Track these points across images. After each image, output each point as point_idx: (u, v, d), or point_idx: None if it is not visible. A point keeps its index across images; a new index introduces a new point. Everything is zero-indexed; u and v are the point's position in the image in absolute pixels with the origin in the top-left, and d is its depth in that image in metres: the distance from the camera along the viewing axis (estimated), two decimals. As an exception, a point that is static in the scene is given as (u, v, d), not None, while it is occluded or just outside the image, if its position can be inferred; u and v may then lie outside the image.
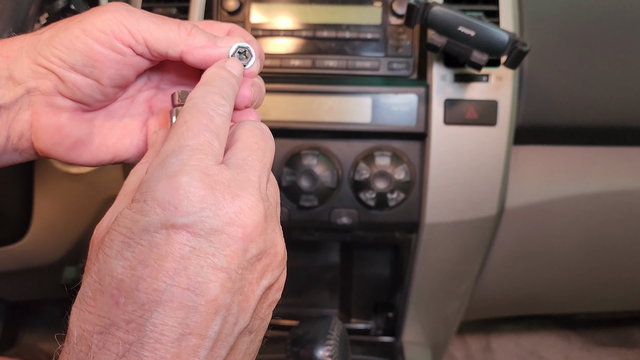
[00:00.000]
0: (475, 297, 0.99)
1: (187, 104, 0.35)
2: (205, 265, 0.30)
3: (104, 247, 0.30)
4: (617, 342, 1.56)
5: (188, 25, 0.41)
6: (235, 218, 0.31)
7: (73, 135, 0.43)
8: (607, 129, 0.81)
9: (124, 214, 0.31)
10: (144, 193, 0.30)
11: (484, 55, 0.66)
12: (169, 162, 0.31)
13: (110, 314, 0.29)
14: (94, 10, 0.39)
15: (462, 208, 0.80)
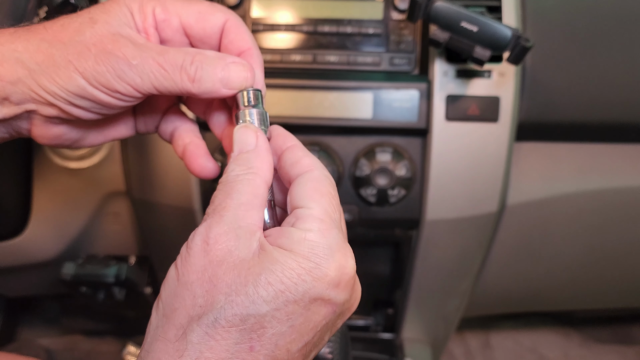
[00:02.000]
0: (475, 294, 0.99)
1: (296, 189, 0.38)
2: (329, 331, 0.37)
3: (259, 286, 0.32)
4: (616, 339, 1.56)
5: (192, 66, 0.38)
6: (354, 304, 0.39)
7: (72, 138, 0.43)
8: (610, 125, 0.81)
9: (292, 266, 0.33)
10: (315, 260, 0.33)
11: (486, 51, 0.65)
12: (333, 236, 0.35)
13: (240, 356, 0.32)
14: (93, 46, 0.37)
15: (463, 205, 0.79)
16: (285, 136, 0.41)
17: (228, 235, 0.34)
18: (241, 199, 0.35)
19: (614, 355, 1.52)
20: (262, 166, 0.37)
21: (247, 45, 0.42)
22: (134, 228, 0.89)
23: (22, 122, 0.41)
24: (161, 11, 0.40)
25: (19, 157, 0.81)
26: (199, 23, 0.41)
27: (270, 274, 0.32)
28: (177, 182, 0.79)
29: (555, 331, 1.56)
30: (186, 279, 0.34)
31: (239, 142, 0.39)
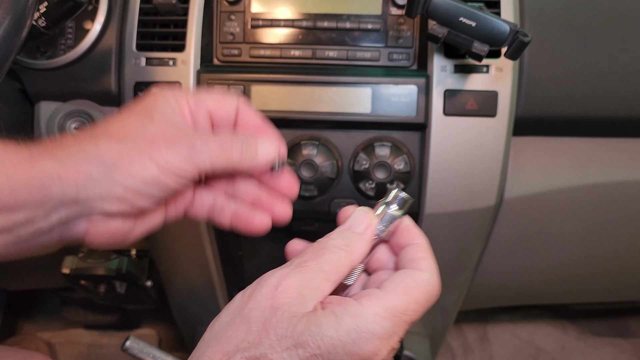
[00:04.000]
0: (473, 287, 1.00)
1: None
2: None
3: (298, 345, 0.35)
4: (613, 332, 1.57)
5: (238, 145, 0.45)
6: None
7: (124, 232, 0.46)
8: (607, 120, 0.81)
9: (330, 335, 0.35)
10: (354, 337, 0.35)
11: (484, 46, 0.66)
12: (385, 327, 0.37)
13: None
14: (160, 137, 0.42)
15: (461, 198, 0.80)
16: (414, 232, 0.45)
17: (296, 291, 0.37)
18: (324, 268, 0.39)
19: (610, 348, 1.53)
20: (357, 251, 0.41)
21: (259, 120, 0.50)
22: (134, 222, 0.90)
23: (80, 223, 0.43)
24: (193, 101, 0.47)
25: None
26: (220, 108, 0.48)
27: (310, 336, 0.35)
28: (178, 176, 0.80)
29: (552, 324, 1.57)
30: (247, 314, 0.37)
31: (354, 219, 0.43)
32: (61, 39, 0.79)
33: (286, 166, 0.50)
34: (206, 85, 0.77)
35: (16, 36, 0.53)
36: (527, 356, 1.52)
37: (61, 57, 0.78)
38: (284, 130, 0.79)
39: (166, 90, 0.46)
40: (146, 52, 0.78)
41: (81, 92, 0.81)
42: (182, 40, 0.77)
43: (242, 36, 0.83)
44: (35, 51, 0.79)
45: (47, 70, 0.79)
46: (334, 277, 0.39)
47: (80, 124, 0.82)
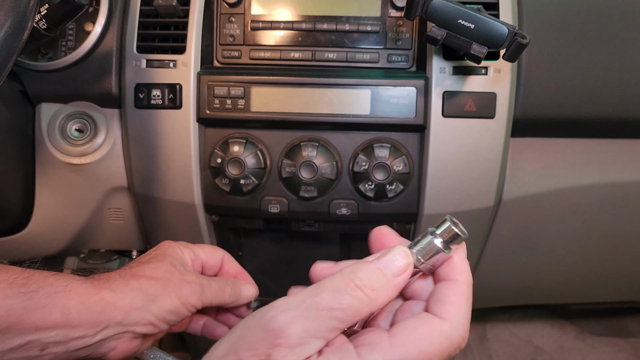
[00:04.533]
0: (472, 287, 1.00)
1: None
2: None
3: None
4: (612, 332, 1.58)
5: (230, 288, 0.61)
6: None
7: (138, 349, 0.56)
8: (605, 121, 0.82)
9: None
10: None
11: (483, 48, 0.66)
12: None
13: None
14: (182, 280, 0.56)
15: (460, 199, 0.80)
16: (458, 267, 0.40)
17: (298, 339, 0.35)
18: (338, 316, 0.35)
19: (608, 348, 1.54)
20: (382, 298, 0.36)
21: (237, 270, 0.66)
22: (135, 223, 0.90)
23: (113, 341, 0.52)
24: (193, 255, 0.61)
25: (21, 152, 0.82)
26: (211, 259, 0.63)
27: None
28: (179, 177, 0.80)
29: (550, 324, 1.58)
30: (242, 355, 0.37)
31: (391, 260, 0.38)
32: (62, 41, 0.79)
33: (258, 304, 0.65)
34: (206, 87, 0.77)
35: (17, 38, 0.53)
36: (526, 355, 1.53)
37: (62, 58, 0.79)
38: (284, 132, 0.80)
39: (177, 247, 0.60)
40: (147, 54, 0.78)
41: (82, 94, 0.81)
42: (183, 42, 0.78)
43: (242, 38, 0.83)
44: (36, 53, 0.79)
45: (48, 71, 0.80)
46: (345, 325, 0.35)
47: (81, 125, 0.83)
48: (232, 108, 0.78)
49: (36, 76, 0.80)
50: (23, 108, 0.83)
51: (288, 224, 0.87)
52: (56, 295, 0.46)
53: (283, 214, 0.81)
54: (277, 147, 0.80)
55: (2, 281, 0.45)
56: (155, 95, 0.77)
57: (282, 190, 0.81)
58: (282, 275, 1.01)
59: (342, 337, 0.37)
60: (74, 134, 0.83)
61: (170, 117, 0.78)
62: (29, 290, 0.45)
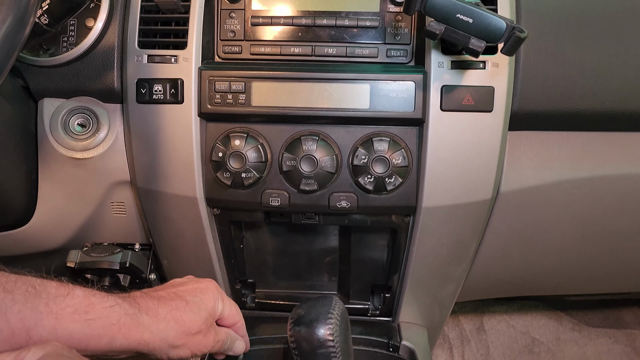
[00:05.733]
0: (469, 279, 1.01)
1: None
2: None
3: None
4: (608, 323, 1.59)
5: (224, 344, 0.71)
6: None
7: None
8: (602, 114, 0.83)
9: None
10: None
11: (481, 42, 0.67)
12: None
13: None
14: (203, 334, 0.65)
15: (458, 192, 0.81)
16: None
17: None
18: None
19: (605, 339, 1.56)
20: None
21: (237, 320, 0.73)
22: (138, 216, 0.91)
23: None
24: (222, 310, 0.70)
25: (24, 147, 0.83)
26: (229, 318, 0.72)
27: None
28: (181, 171, 0.81)
29: (547, 315, 1.59)
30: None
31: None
32: (63, 37, 0.80)
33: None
34: (208, 82, 0.78)
35: (19, 33, 0.53)
36: (523, 347, 1.54)
37: (64, 54, 0.79)
38: (284, 126, 0.81)
39: (218, 295, 0.69)
40: (148, 49, 0.79)
41: (84, 89, 0.82)
42: (184, 38, 0.78)
43: (243, 34, 0.84)
44: (38, 49, 0.80)
45: (49, 67, 0.80)
46: None
47: (83, 120, 0.83)
48: (233, 103, 0.78)
49: (38, 72, 0.81)
50: (25, 103, 0.83)
51: (288, 216, 0.89)
52: (110, 328, 0.56)
53: (283, 207, 0.82)
54: (277, 141, 0.81)
55: (69, 306, 0.54)
56: (157, 90, 0.78)
57: (283, 184, 0.82)
58: (282, 268, 1.02)
59: None
60: (77, 128, 0.84)
61: (172, 112, 0.79)
62: (88, 318, 0.54)
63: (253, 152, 0.79)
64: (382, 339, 0.93)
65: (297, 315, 0.64)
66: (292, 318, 0.65)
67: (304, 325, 0.62)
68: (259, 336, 0.91)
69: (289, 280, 1.03)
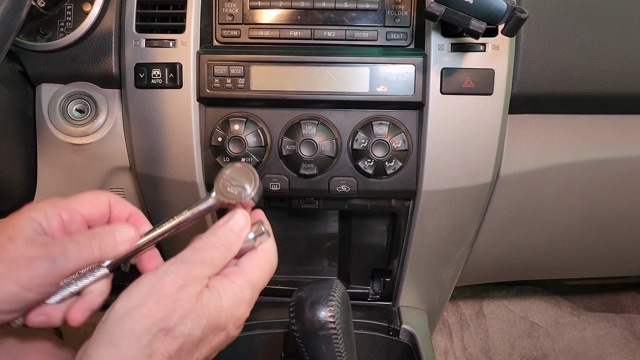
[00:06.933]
0: (469, 264, 1.02)
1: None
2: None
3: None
4: (606, 307, 1.61)
5: (96, 241, 0.50)
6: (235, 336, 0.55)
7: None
8: (602, 97, 0.83)
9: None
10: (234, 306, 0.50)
11: (482, 24, 0.66)
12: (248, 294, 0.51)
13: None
14: (20, 258, 0.47)
15: (458, 176, 0.81)
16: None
17: (194, 279, 0.48)
18: (213, 263, 0.50)
19: (603, 323, 1.57)
20: (234, 249, 0.52)
21: (130, 210, 0.55)
22: (137, 203, 0.91)
23: None
24: (66, 212, 0.51)
25: (22, 133, 0.82)
26: (93, 209, 0.53)
27: (206, 307, 0.47)
28: (180, 156, 0.81)
29: (546, 300, 1.60)
30: (159, 297, 0.47)
31: (236, 221, 0.53)
32: (60, 21, 0.79)
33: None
34: (206, 66, 0.77)
35: (16, 16, 0.53)
36: (522, 331, 1.56)
37: (61, 39, 0.79)
38: (284, 110, 0.80)
39: (34, 209, 0.50)
40: (146, 33, 0.79)
41: (82, 74, 0.81)
42: (182, 22, 0.78)
43: (241, 17, 0.83)
44: (35, 33, 0.79)
45: (47, 52, 0.80)
46: (218, 269, 0.51)
47: (82, 105, 0.83)
48: (232, 87, 0.78)
49: (35, 57, 0.80)
50: (23, 89, 0.83)
51: (288, 201, 0.89)
52: None
53: (283, 192, 0.82)
54: (277, 126, 0.81)
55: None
56: (156, 75, 0.78)
57: (283, 168, 0.81)
58: (283, 253, 1.02)
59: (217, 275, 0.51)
60: (75, 114, 0.83)
61: (170, 97, 0.79)
62: None
63: (252, 136, 0.79)
64: (382, 322, 0.94)
65: (298, 298, 0.65)
66: (293, 300, 0.65)
67: (306, 307, 0.63)
68: (260, 321, 0.91)
69: (289, 265, 1.03)
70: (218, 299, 0.48)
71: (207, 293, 0.48)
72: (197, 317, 0.47)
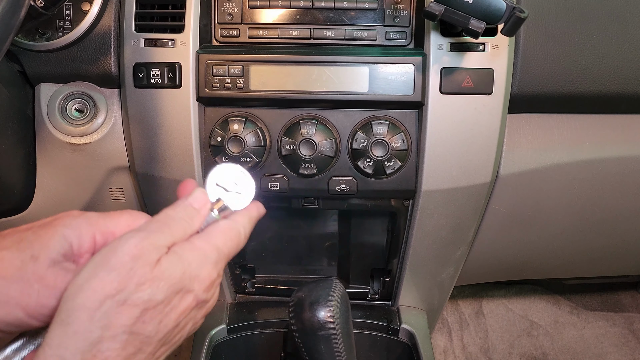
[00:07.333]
0: (468, 263, 1.02)
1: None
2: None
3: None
4: (606, 306, 1.61)
5: None
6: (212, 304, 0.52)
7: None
8: (601, 96, 0.83)
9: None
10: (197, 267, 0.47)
11: (481, 23, 0.66)
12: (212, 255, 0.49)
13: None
14: (26, 279, 0.44)
15: (457, 175, 0.81)
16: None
17: (151, 247, 0.45)
18: (175, 234, 0.47)
19: (603, 322, 1.57)
20: (197, 224, 0.50)
21: None
22: (137, 202, 0.91)
23: None
24: (100, 235, 0.48)
25: (21, 133, 0.82)
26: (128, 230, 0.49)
27: (164, 271, 0.44)
28: (180, 156, 0.81)
29: (545, 299, 1.61)
30: (111, 266, 0.43)
31: (194, 198, 0.51)
32: (59, 21, 0.79)
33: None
34: (205, 65, 0.77)
35: (15, 15, 0.53)
36: (521, 330, 1.56)
37: (60, 38, 0.79)
38: (283, 110, 0.80)
39: (69, 227, 0.46)
40: (145, 33, 0.78)
41: (81, 74, 0.81)
42: (181, 21, 0.78)
43: (241, 17, 0.83)
44: (34, 33, 0.79)
45: (46, 52, 0.80)
46: (176, 241, 0.47)
47: (81, 105, 0.83)
48: (231, 87, 0.78)
49: (34, 56, 0.80)
50: (22, 88, 0.83)
51: (288, 201, 0.89)
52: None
53: (283, 192, 0.82)
54: (276, 125, 0.81)
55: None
56: (155, 75, 0.78)
57: (282, 168, 0.81)
58: (282, 253, 1.03)
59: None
60: (74, 114, 0.83)
61: (170, 97, 0.79)
62: None
63: (252, 136, 0.79)
64: (381, 322, 0.94)
65: (297, 298, 0.65)
66: (293, 300, 0.65)
67: (305, 307, 0.63)
68: (260, 320, 0.91)
69: (288, 265, 1.03)
70: (178, 261, 0.45)
71: (166, 257, 0.45)
72: (156, 282, 0.43)
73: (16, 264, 0.43)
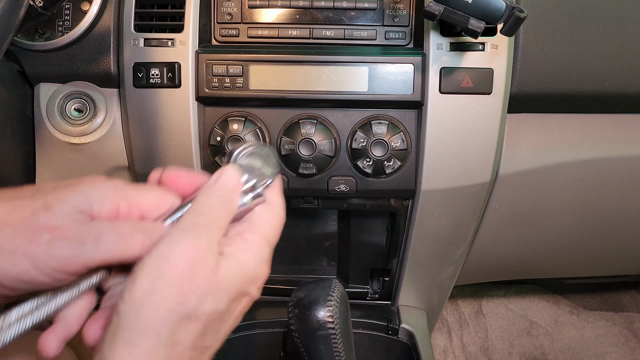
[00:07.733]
0: (468, 262, 1.02)
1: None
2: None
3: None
4: (605, 306, 1.61)
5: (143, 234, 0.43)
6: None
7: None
8: (601, 96, 0.83)
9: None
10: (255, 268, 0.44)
11: (481, 23, 0.66)
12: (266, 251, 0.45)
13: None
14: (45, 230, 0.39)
15: (457, 175, 0.81)
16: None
17: (206, 250, 0.41)
18: (220, 223, 0.43)
19: (602, 322, 1.57)
20: (235, 209, 0.45)
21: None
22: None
23: None
24: (126, 204, 0.42)
25: (21, 133, 0.82)
26: (156, 208, 0.44)
27: (225, 278, 0.41)
28: (179, 156, 0.81)
29: (545, 299, 1.61)
30: (168, 278, 0.39)
31: (229, 176, 0.46)
32: (59, 21, 0.79)
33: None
34: (205, 65, 0.77)
35: (14, 15, 0.53)
36: (521, 330, 1.56)
37: (59, 38, 0.79)
38: (282, 109, 0.80)
39: (92, 187, 0.42)
40: (144, 33, 0.78)
41: (80, 74, 0.81)
42: (180, 21, 0.78)
43: (240, 16, 0.83)
44: (34, 33, 0.79)
45: (45, 51, 0.80)
46: (224, 231, 0.44)
47: (80, 105, 0.83)
48: (230, 86, 0.78)
49: (34, 56, 0.80)
50: (22, 88, 0.83)
51: (287, 201, 0.88)
52: None
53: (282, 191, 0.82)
54: (276, 125, 0.81)
55: None
56: (154, 75, 0.78)
57: (281, 168, 0.82)
58: (281, 252, 1.02)
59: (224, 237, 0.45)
60: (73, 113, 0.83)
61: (169, 96, 0.79)
62: None
63: (251, 136, 0.79)
64: (381, 322, 0.94)
65: (296, 298, 0.65)
66: (292, 300, 0.65)
67: (304, 307, 0.63)
68: (259, 320, 0.91)
69: (288, 264, 1.03)
70: (236, 265, 0.41)
71: (224, 262, 0.41)
72: (219, 292, 0.40)
73: (27, 213, 0.39)
